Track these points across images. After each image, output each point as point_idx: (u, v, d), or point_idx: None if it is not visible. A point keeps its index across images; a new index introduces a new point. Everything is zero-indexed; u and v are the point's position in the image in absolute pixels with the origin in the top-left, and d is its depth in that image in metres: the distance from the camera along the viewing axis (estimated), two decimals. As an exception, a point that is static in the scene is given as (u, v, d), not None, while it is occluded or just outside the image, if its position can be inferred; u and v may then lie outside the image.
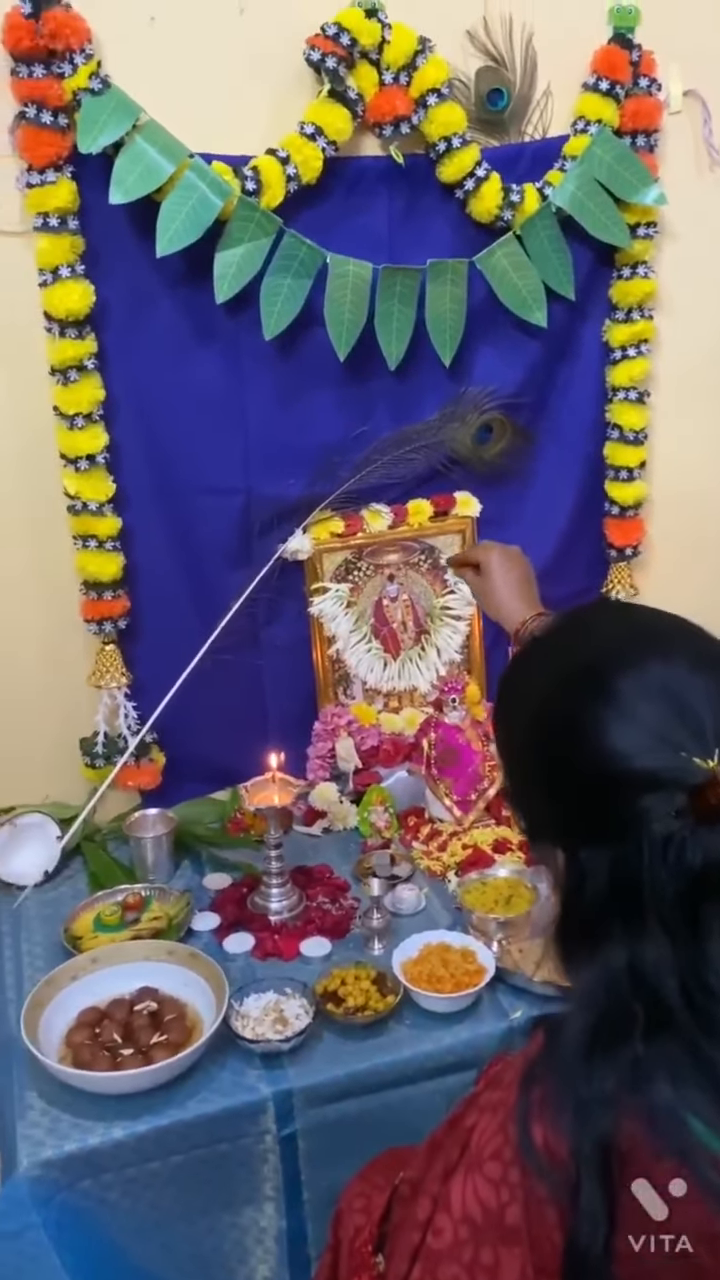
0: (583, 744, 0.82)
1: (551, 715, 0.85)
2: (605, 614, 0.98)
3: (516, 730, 0.91)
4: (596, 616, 0.96)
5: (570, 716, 0.83)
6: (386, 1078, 1.34)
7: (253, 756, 1.65)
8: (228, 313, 1.64)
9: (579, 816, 0.83)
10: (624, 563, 2.02)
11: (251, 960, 1.51)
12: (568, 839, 0.84)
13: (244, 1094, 1.30)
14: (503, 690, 0.95)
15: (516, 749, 0.91)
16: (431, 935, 1.49)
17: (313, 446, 1.76)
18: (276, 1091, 1.30)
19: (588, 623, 0.93)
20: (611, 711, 0.81)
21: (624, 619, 0.93)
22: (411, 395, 1.80)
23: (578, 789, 0.82)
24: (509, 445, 1.87)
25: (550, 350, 1.85)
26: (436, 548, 1.91)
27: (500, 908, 1.52)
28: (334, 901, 1.61)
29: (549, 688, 0.87)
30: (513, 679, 0.94)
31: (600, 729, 0.81)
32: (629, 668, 0.83)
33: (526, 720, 0.88)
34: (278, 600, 1.81)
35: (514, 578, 1.44)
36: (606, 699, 0.81)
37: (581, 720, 0.82)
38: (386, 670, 1.92)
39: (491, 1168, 0.82)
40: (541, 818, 0.88)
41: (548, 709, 0.86)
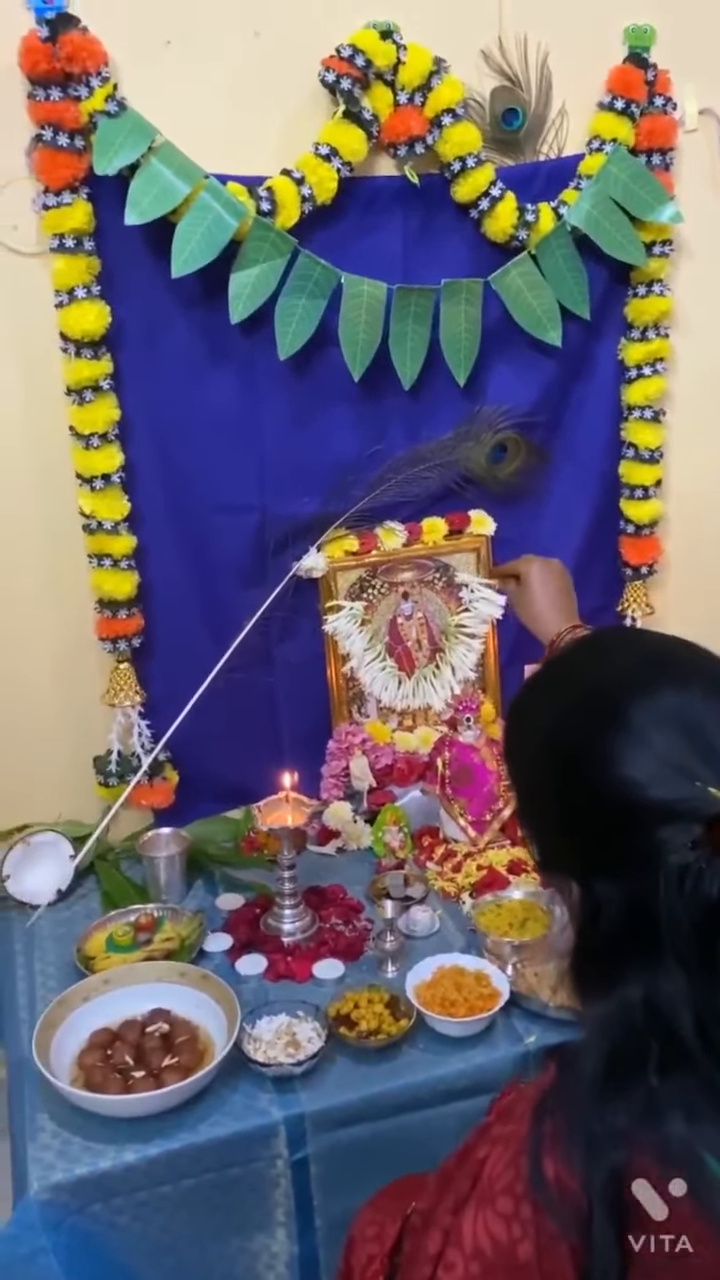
0: (595, 773, 0.81)
1: (563, 743, 0.84)
2: (617, 639, 0.97)
3: (527, 757, 0.90)
4: (608, 642, 0.95)
5: (582, 744, 0.82)
6: (399, 1102, 1.33)
7: (266, 775, 1.65)
8: (243, 333, 1.65)
9: (593, 847, 0.82)
10: (639, 581, 2.02)
11: (264, 982, 1.50)
12: (582, 870, 0.83)
13: (256, 1118, 1.29)
14: (513, 715, 0.94)
15: (527, 776, 0.90)
16: (445, 958, 1.49)
17: (327, 465, 1.76)
18: (288, 1115, 1.30)
19: (599, 648, 0.92)
20: (625, 739, 0.80)
21: (636, 644, 0.92)
22: (426, 414, 1.80)
23: (591, 819, 0.81)
24: (524, 464, 1.86)
25: (565, 369, 1.85)
26: (451, 566, 1.91)
27: (515, 931, 1.51)
28: (347, 923, 1.60)
29: (560, 714, 0.86)
30: (523, 704, 0.93)
31: (613, 758, 0.80)
32: (642, 695, 0.81)
33: (537, 747, 0.87)
34: (292, 618, 1.81)
35: (553, 589, 1.46)
36: (619, 727, 0.80)
37: (594, 748, 0.81)
38: (401, 688, 1.92)
39: (503, 1202, 0.82)
40: (554, 847, 0.87)
41: (559, 736, 0.85)
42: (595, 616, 1.99)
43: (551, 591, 1.44)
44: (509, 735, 0.94)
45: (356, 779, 1.84)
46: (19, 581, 1.73)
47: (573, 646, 0.95)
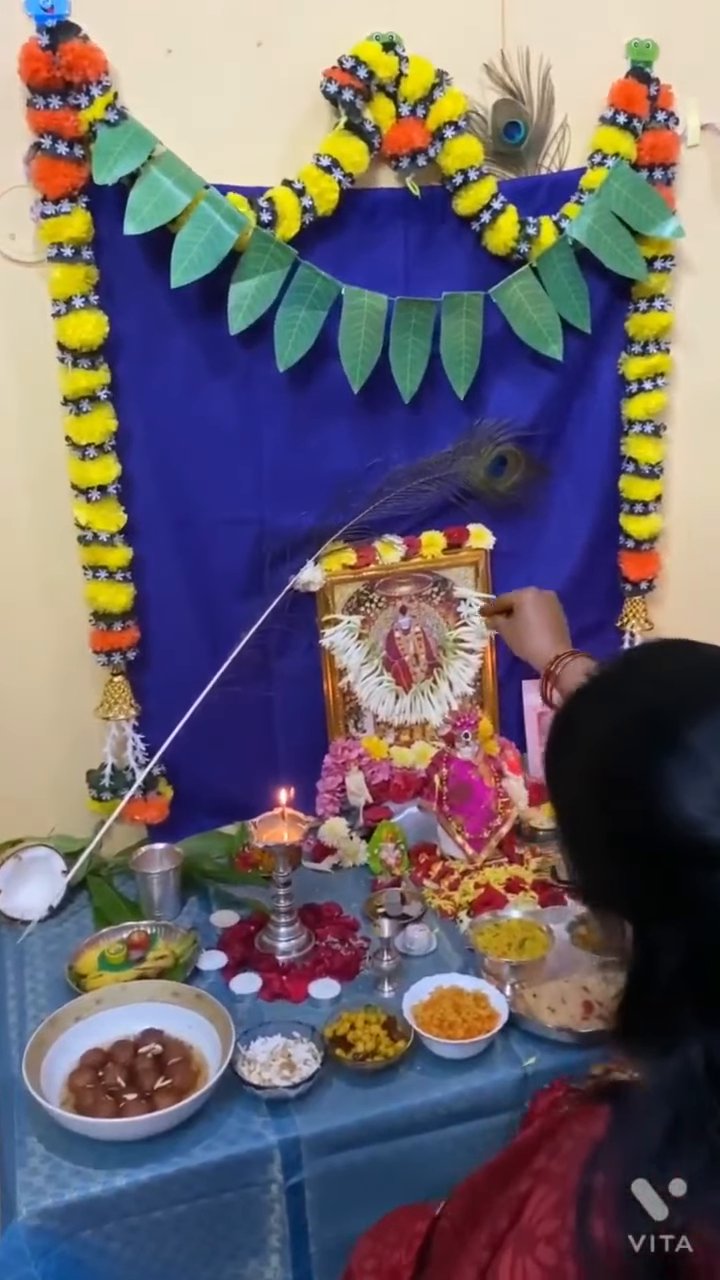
0: (650, 806, 0.74)
1: (612, 770, 0.78)
2: (668, 653, 0.89)
3: (572, 785, 0.83)
4: (658, 656, 0.89)
5: (634, 773, 0.75)
6: (396, 1126, 1.31)
7: (262, 790, 1.63)
8: (242, 344, 1.64)
9: (647, 888, 0.75)
10: (639, 597, 2.01)
11: (259, 1002, 1.48)
12: (634, 910, 0.77)
13: (250, 1141, 1.27)
14: (556, 738, 0.87)
15: (573, 806, 0.83)
16: (443, 978, 1.47)
17: (326, 478, 1.75)
18: (283, 1139, 1.27)
19: (649, 663, 0.86)
20: (682, 768, 0.73)
21: (691, 657, 0.85)
22: (426, 427, 1.79)
23: (645, 857, 0.75)
24: (523, 478, 1.86)
25: (566, 383, 1.84)
26: (450, 580, 1.90)
27: (514, 951, 1.49)
28: (343, 941, 1.58)
29: (608, 738, 0.80)
30: (566, 725, 0.87)
31: (670, 789, 0.73)
32: (700, 715, 0.75)
33: (583, 774, 0.81)
34: (289, 632, 1.80)
35: (546, 616, 1.45)
36: (675, 753, 0.74)
37: (648, 778, 0.74)
38: (398, 703, 1.90)
39: (545, 1252, 0.76)
40: (603, 884, 0.81)
41: (607, 763, 0.78)
42: (595, 632, 1.99)
43: (545, 619, 1.44)
44: (550, 757, 0.88)
45: (353, 794, 1.83)
46: (13, 592, 1.72)
47: (623, 658, 0.89)
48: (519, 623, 1.46)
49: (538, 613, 1.45)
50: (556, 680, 1.35)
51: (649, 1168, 0.73)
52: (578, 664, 1.35)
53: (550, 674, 1.37)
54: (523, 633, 1.45)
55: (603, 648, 1.98)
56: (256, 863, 1.76)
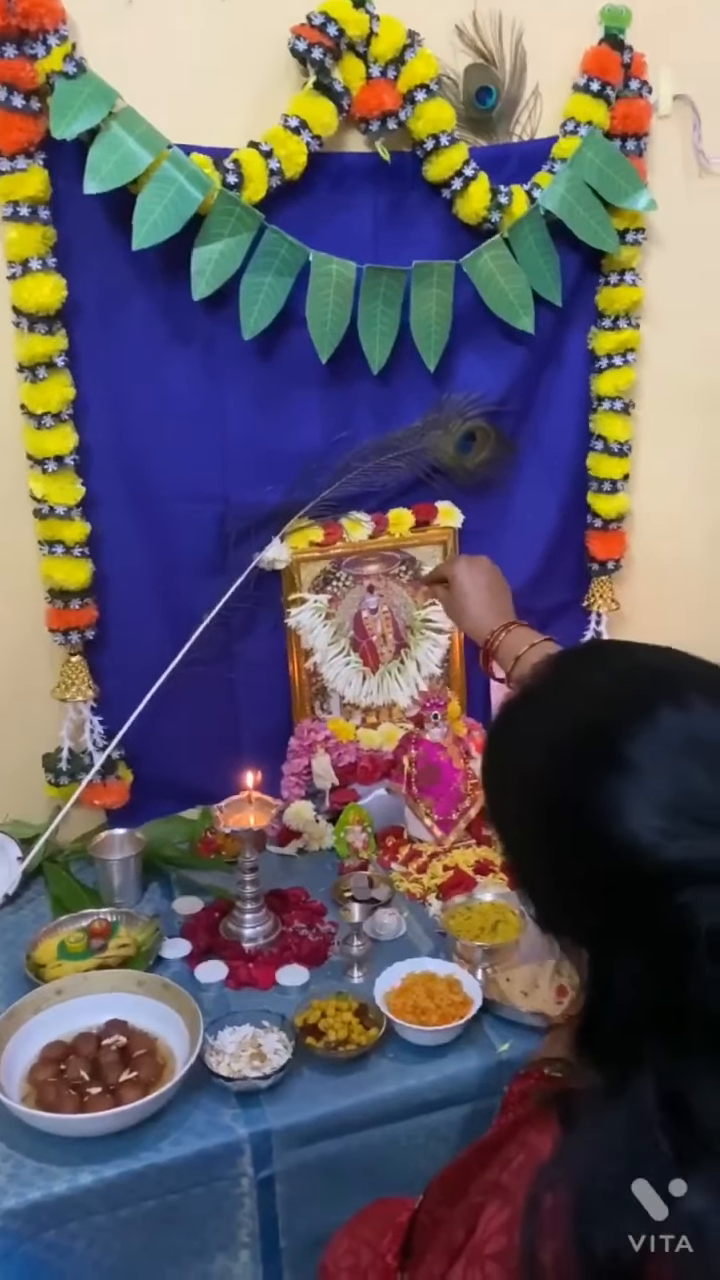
0: (593, 830, 0.71)
1: (549, 794, 0.75)
2: (598, 659, 0.85)
3: (510, 809, 0.81)
4: (588, 663, 0.85)
5: (573, 795, 0.72)
6: (369, 1116, 1.29)
7: (225, 774, 1.61)
8: (205, 311, 1.60)
9: (600, 915, 0.72)
10: (605, 576, 2.00)
11: (225, 990, 1.46)
12: (590, 937, 0.74)
13: (219, 1135, 1.24)
14: (490, 759, 0.84)
15: (514, 831, 0.81)
16: (415, 963, 1.45)
17: (292, 451, 1.72)
18: (254, 1132, 1.25)
19: (579, 672, 0.83)
20: (624, 784, 0.70)
21: (621, 663, 0.81)
22: (394, 400, 1.76)
23: (594, 884, 0.72)
24: (492, 455, 1.84)
25: (536, 357, 1.83)
26: (417, 559, 1.88)
27: (486, 935, 1.48)
28: (311, 927, 1.57)
29: (541, 758, 0.76)
30: (498, 745, 0.84)
31: (613, 810, 0.70)
32: (636, 726, 0.72)
33: (520, 798, 0.78)
34: (253, 611, 1.77)
35: (481, 586, 1.38)
36: (614, 770, 0.71)
37: (587, 800, 0.71)
38: (365, 684, 1.88)
39: (493, 1269, 0.74)
40: (554, 908, 0.78)
41: (544, 786, 0.75)
42: (562, 611, 1.99)
43: (481, 590, 1.37)
44: (488, 782, 0.85)
45: (319, 777, 1.81)
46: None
47: (545, 671, 0.85)
48: (454, 594, 1.40)
49: (472, 583, 1.38)
50: (495, 654, 1.31)
51: (601, 1207, 0.70)
52: (517, 637, 1.30)
53: (488, 649, 1.32)
54: (459, 605, 1.39)
55: (570, 628, 1.98)
56: (220, 848, 1.73)
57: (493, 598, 1.38)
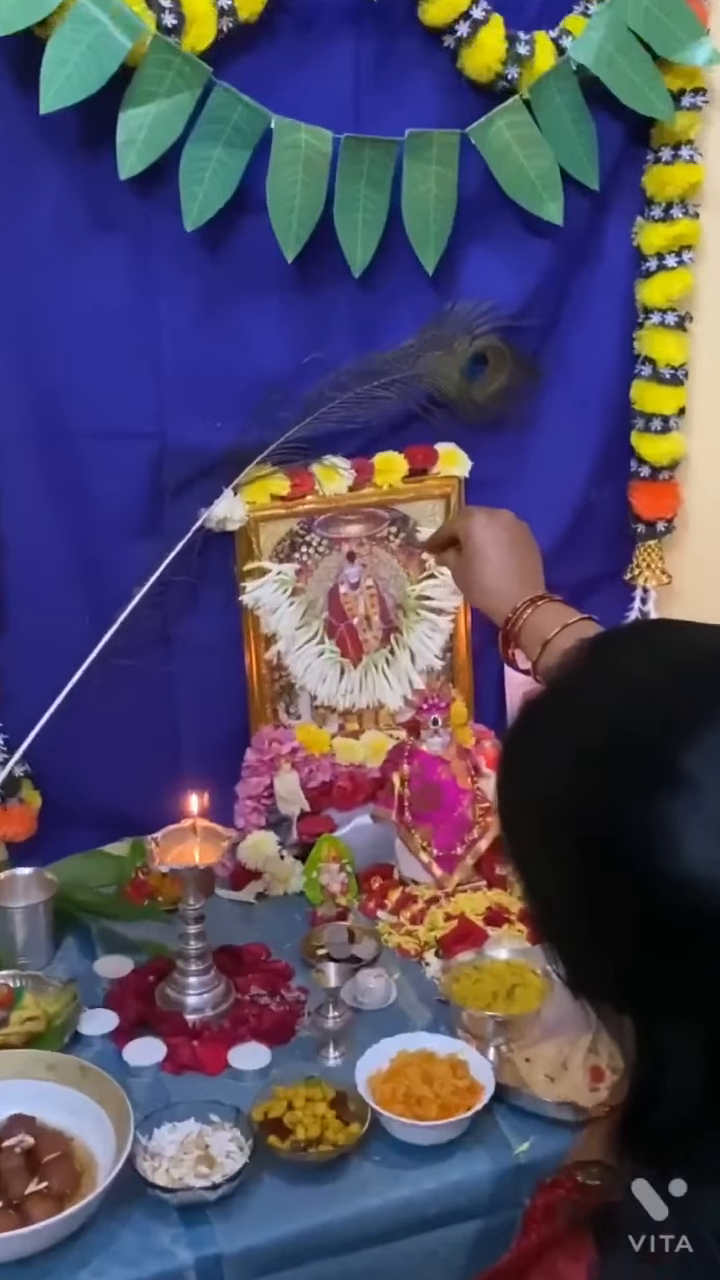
0: (641, 866, 0.72)
1: (585, 821, 0.76)
2: (642, 645, 0.87)
3: (535, 844, 0.82)
4: (629, 650, 0.86)
5: (615, 822, 0.74)
6: (350, 1236, 1.31)
7: (160, 797, 1.62)
8: (135, 193, 1.61)
9: (649, 976, 0.74)
10: (654, 541, 2.02)
11: (162, 1076, 1.47)
12: (636, 1004, 0.76)
13: (156, 1262, 1.25)
14: (507, 777, 0.86)
15: (538, 871, 0.82)
16: (407, 1040, 1.47)
17: (248, 378, 1.73)
18: (200, 1258, 1.26)
19: (619, 661, 0.84)
20: (679, 806, 0.71)
21: (671, 649, 0.83)
22: (381, 312, 1.78)
23: (642, 936, 0.73)
24: (508, 382, 1.85)
25: (565, 256, 1.84)
26: (411, 518, 1.89)
27: (500, 1002, 1.49)
28: (273, 994, 1.58)
29: (575, 775, 0.78)
30: (518, 760, 0.85)
31: (665, 837, 0.71)
32: (693, 730, 0.73)
33: (548, 829, 0.79)
34: (197, 585, 1.78)
35: (503, 548, 1.39)
36: (666, 786, 0.72)
37: (634, 826, 0.73)
38: (344, 681, 1.89)
39: None
40: (590, 970, 0.80)
41: (578, 811, 0.77)
42: (597, 586, 2.00)
43: (503, 553, 1.39)
44: (504, 803, 0.87)
45: (284, 801, 1.82)
46: None
47: (577, 660, 0.87)
48: (468, 559, 1.40)
49: (492, 543, 1.39)
50: (518, 638, 1.32)
51: None
52: (547, 615, 1.30)
53: (510, 630, 1.33)
54: (473, 572, 1.39)
55: (608, 607, 2.00)
56: (154, 892, 1.75)
57: (517, 563, 1.39)
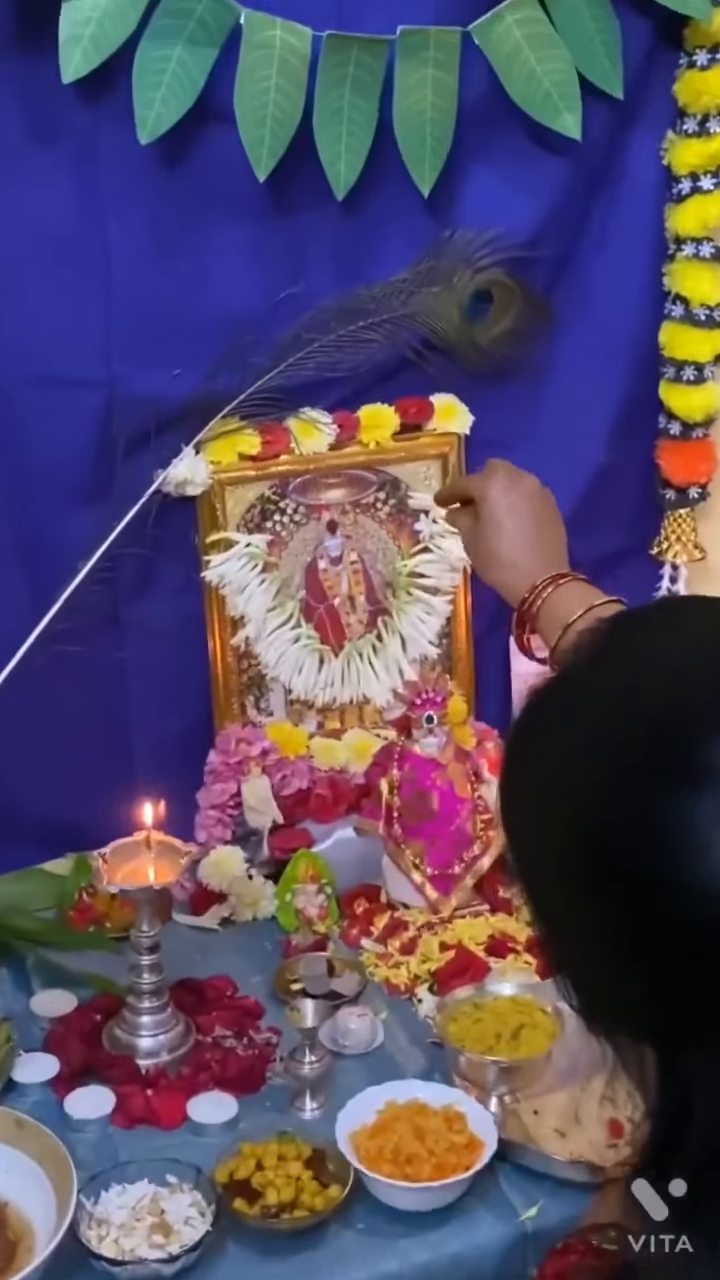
0: (666, 873, 0.75)
1: (601, 824, 0.78)
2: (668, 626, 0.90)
3: (544, 853, 0.83)
4: (653, 631, 0.89)
5: (635, 825, 0.76)
6: (329, 1315, 1.31)
7: (108, 805, 1.63)
8: (80, 101, 1.62)
9: (673, 999, 0.76)
10: (685, 510, 2.03)
11: (111, 1130, 1.48)
12: (659, 1032, 0.78)
13: (102, 1346, 1.27)
14: (511, 778, 0.88)
15: (548, 883, 0.84)
16: (396, 1089, 1.47)
17: (212, 316, 1.74)
18: (154, 1341, 1.27)
19: (642, 644, 0.87)
20: (709, 807, 0.74)
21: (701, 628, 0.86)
22: (368, 241, 1.78)
23: (666, 952, 0.75)
24: (516, 324, 1.86)
25: (583, 176, 1.84)
26: (403, 482, 1.89)
27: (504, 1046, 1.49)
28: (240, 1035, 1.59)
29: (590, 773, 0.80)
30: (525, 757, 0.87)
31: (692, 842, 0.74)
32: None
33: (559, 836, 0.81)
34: (153, 559, 1.79)
35: (524, 517, 1.41)
36: (695, 784, 0.75)
37: (657, 830, 0.75)
38: (324, 671, 1.90)
39: None
40: (606, 996, 0.82)
41: (593, 813, 0.79)
42: (620, 561, 2.00)
43: (523, 522, 1.40)
44: (508, 808, 0.88)
45: (253, 811, 1.82)
46: None
47: (593, 643, 0.89)
48: (484, 525, 1.42)
49: (510, 510, 1.40)
50: (535, 620, 1.34)
51: None
52: (570, 596, 1.32)
53: (527, 611, 1.35)
54: (488, 541, 1.41)
55: (633, 584, 2.00)
56: (102, 917, 1.75)
57: (539, 535, 1.40)
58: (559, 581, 1.34)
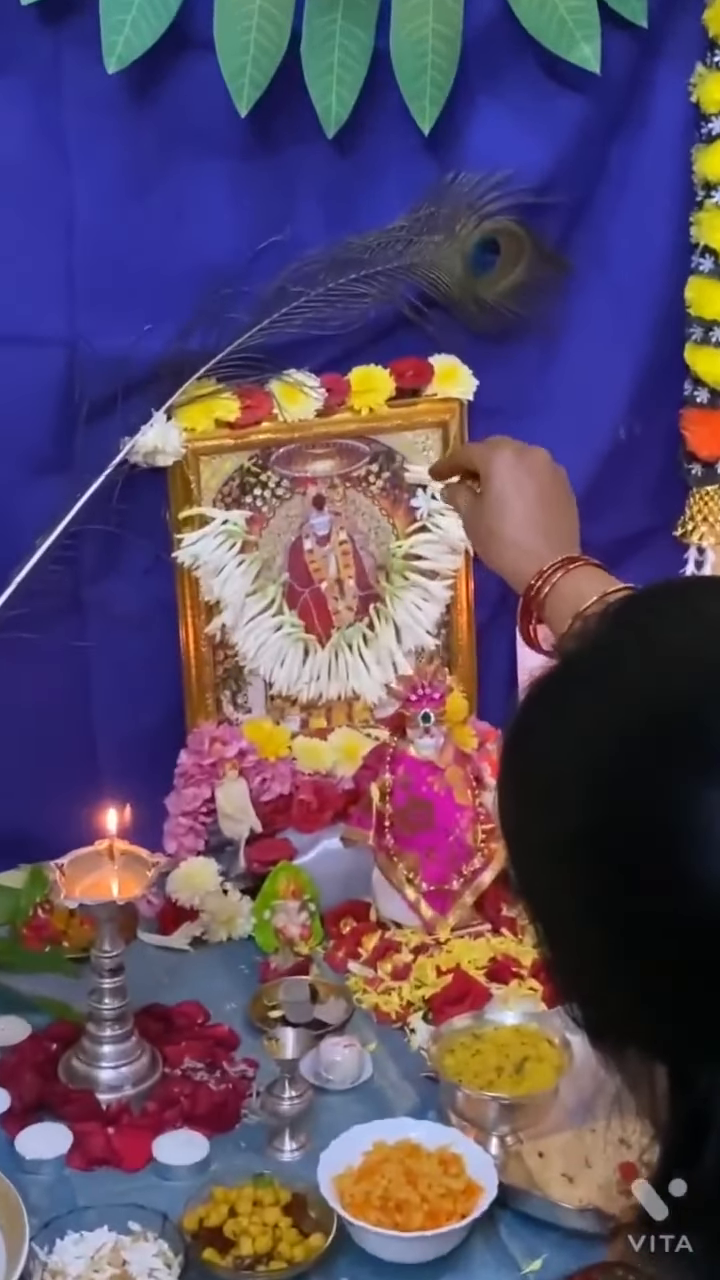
0: (679, 870, 0.75)
1: (610, 821, 0.79)
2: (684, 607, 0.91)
3: (545, 849, 0.84)
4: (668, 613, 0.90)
5: (650, 820, 0.77)
6: None
7: (67, 811, 1.64)
8: (41, 23, 1.62)
9: (689, 1007, 0.76)
10: (713, 486, 2.03)
11: (67, 1172, 1.48)
12: (672, 1046, 0.78)
13: None
14: (511, 774, 0.88)
15: (551, 887, 0.84)
16: (386, 1128, 1.47)
17: (186, 267, 1.75)
18: None
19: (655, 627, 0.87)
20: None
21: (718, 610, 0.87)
22: (362, 184, 1.79)
23: (684, 955, 0.76)
24: (526, 278, 1.86)
25: (602, 114, 1.85)
26: (398, 453, 1.89)
27: (505, 1080, 1.50)
28: (212, 1068, 1.59)
29: (598, 766, 0.81)
30: (525, 752, 0.87)
31: (710, 837, 0.75)
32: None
33: (563, 831, 0.81)
34: (118, 536, 1.79)
35: (530, 496, 1.41)
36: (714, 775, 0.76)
37: (671, 825, 0.76)
38: (309, 663, 1.90)
39: None
40: (615, 1007, 0.81)
41: (601, 809, 0.79)
42: (640, 543, 2.01)
43: (529, 502, 1.40)
44: (506, 807, 0.88)
45: (228, 819, 1.83)
46: None
47: (602, 627, 0.89)
48: (488, 503, 1.42)
49: (517, 488, 1.40)
50: (543, 609, 1.34)
51: None
52: (581, 582, 1.32)
53: (534, 599, 1.35)
54: (492, 520, 1.41)
55: (654, 568, 2.00)
56: (59, 935, 1.76)
57: (548, 516, 1.40)
58: (569, 566, 1.34)
